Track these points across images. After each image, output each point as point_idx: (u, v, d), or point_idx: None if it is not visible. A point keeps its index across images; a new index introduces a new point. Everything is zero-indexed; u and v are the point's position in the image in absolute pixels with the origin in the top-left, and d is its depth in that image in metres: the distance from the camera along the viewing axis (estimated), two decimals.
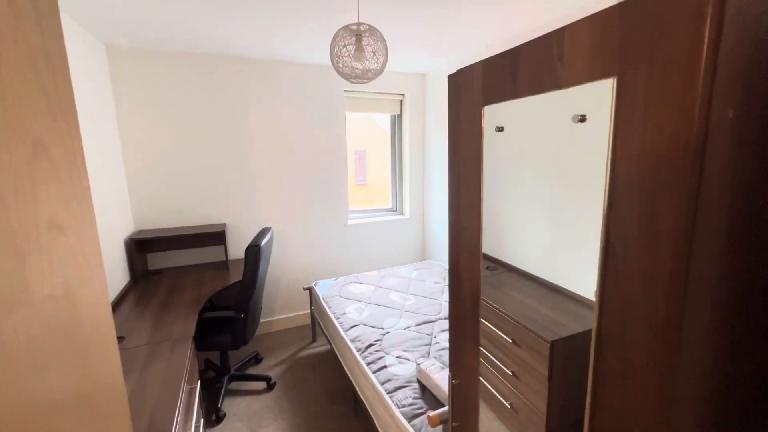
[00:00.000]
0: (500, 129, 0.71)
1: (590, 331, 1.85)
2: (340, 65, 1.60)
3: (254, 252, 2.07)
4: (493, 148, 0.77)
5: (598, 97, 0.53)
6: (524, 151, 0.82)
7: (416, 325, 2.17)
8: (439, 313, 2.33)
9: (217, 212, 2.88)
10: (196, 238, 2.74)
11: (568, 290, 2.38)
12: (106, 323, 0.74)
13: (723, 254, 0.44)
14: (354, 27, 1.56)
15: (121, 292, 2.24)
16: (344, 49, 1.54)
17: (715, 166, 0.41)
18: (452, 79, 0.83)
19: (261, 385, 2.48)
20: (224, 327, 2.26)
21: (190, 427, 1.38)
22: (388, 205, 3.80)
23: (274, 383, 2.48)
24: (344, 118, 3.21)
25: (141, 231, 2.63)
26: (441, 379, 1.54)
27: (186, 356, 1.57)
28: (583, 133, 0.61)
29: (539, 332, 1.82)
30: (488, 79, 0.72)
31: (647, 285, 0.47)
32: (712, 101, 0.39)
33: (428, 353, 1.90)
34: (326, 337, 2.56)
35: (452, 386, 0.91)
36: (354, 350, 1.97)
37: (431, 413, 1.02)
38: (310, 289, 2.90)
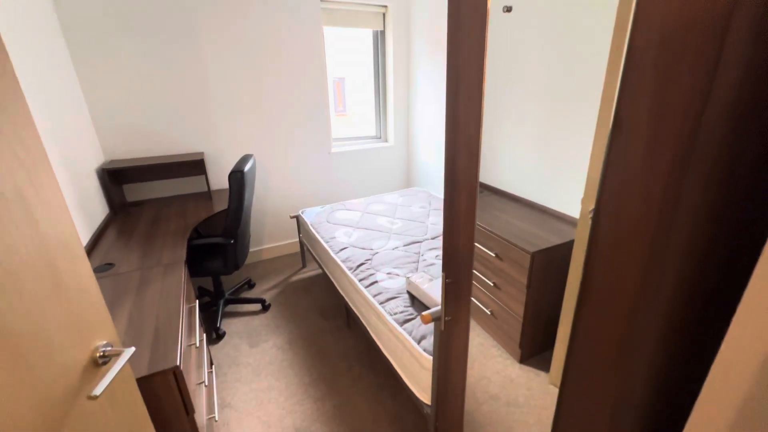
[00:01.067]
0: (508, 9, 0.65)
1: (568, 242, 1.94)
2: None
3: (238, 178, 2.01)
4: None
5: None
6: (528, 35, 0.76)
7: (404, 246, 2.25)
8: (426, 234, 2.40)
9: (194, 141, 2.73)
10: (173, 167, 2.62)
11: (550, 208, 2.45)
12: (67, 224, 0.72)
13: (730, 136, 0.44)
14: None
15: (102, 223, 2.18)
16: None
17: (734, 46, 0.39)
18: None
19: (256, 307, 2.60)
20: (215, 253, 2.28)
21: (195, 341, 1.45)
22: (372, 132, 3.69)
23: (269, 305, 2.60)
24: (322, 35, 2.94)
25: (112, 161, 2.48)
26: (430, 289, 1.64)
27: (180, 278, 1.59)
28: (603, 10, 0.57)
29: (521, 245, 1.92)
30: None
31: (649, 158, 0.48)
32: None
33: (416, 269, 1.99)
34: (316, 260, 2.64)
35: (446, 285, 0.97)
36: (346, 269, 2.04)
37: (424, 313, 1.09)
38: (297, 217, 2.91)
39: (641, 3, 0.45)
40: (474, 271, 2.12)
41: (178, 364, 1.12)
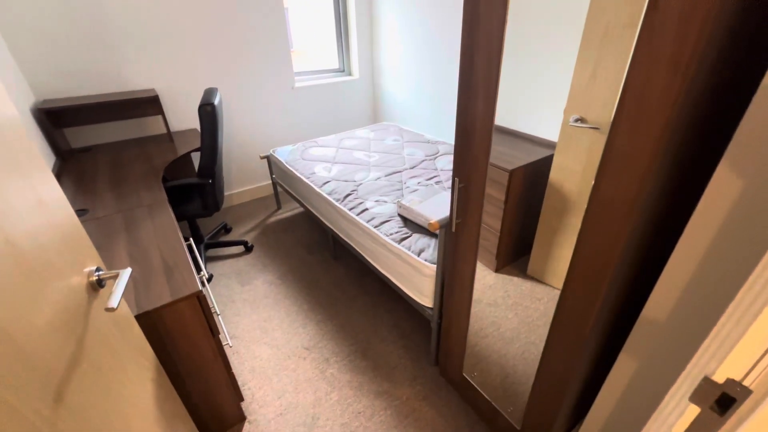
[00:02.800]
0: None
1: (541, 159, 2.09)
2: None
3: (209, 111, 1.88)
4: None
5: None
6: None
7: (386, 176, 2.31)
8: (404, 164, 2.47)
9: (145, 77, 2.43)
10: (123, 106, 2.35)
11: (520, 131, 2.60)
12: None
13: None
14: None
15: (54, 170, 1.96)
16: None
17: None
18: None
19: (239, 249, 2.58)
20: (191, 196, 2.18)
21: (204, 273, 1.45)
22: (335, 66, 3.51)
23: (252, 246, 2.60)
24: None
25: (46, 101, 2.16)
26: (422, 208, 1.75)
27: (170, 216, 1.53)
28: None
29: (499, 165, 2.06)
30: None
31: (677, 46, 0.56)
32: None
33: (402, 195, 2.08)
34: (295, 198, 2.63)
35: (458, 189, 1.06)
36: (333, 201, 2.08)
37: (432, 220, 1.19)
38: (269, 158, 2.81)
39: None
40: None
41: (200, 289, 1.15)
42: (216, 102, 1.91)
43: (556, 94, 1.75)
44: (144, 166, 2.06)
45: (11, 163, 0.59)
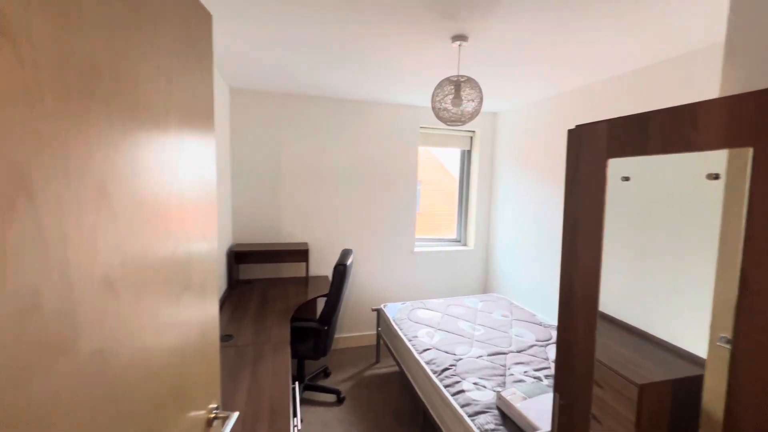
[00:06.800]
0: (626, 178, 0.84)
1: (688, 378, 1.79)
2: (440, 109, 1.82)
3: (341, 271, 2.29)
4: (612, 197, 0.89)
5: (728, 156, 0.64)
6: (649, 201, 0.92)
7: (488, 355, 2.21)
8: (510, 345, 2.35)
9: (301, 232, 3.19)
10: (282, 253, 3.04)
11: (653, 335, 2.30)
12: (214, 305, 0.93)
13: None
14: (454, 78, 1.78)
15: (222, 296, 2.55)
16: (446, 97, 1.75)
17: None
18: (573, 133, 0.98)
19: (331, 397, 2.62)
20: (307, 336, 2.47)
21: (297, 424, 1.55)
22: (453, 236, 3.91)
23: (344, 397, 2.62)
24: (416, 152, 3.45)
25: (238, 244, 2.99)
26: (524, 408, 1.58)
27: (287, 358, 1.77)
28: (712, 189, 0.72)
29: (626, 375, 1.80)
30: (614, 136, 0.86)
31: None
32: None
33: (504, 383, 1.93)
34: (394, 357, 2.67)
35: (558, 406, 0.99)
36: (429, 372, 2.06)
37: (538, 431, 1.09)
38: (379, 311, 3.05)
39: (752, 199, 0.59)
40: None
41: None
42: (348, 263, 2.33)
43: (696, 299, 1.57)
44: (282, 305, 2.49)
45: (200, 288, 0.86)
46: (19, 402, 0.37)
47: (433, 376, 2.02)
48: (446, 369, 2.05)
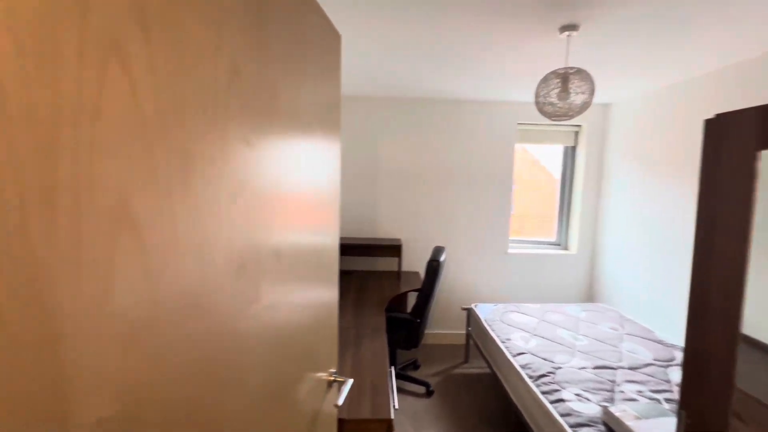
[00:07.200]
0: None
1: None
2: (544, 103, 1.75)
3: (434, 267, 2.35)
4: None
5: None
6: None
7: (593, 368, 2.04)
8: (620, 360, 2.13)
9: (395, 229, 3.35)
10: (377, 248, 3.24)
11: None
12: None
13: None
14: (562, 71, 1.70)
15: None
16: (552, 91, 1.68)
17: None
18: (711, 123, 0.88)
19: (420, 389, 2.71)
20: (400, 327, 2.60)
21: (395, 400, 1.67)
22: (551, 238, 3.66)
23: (433, 391, 2.68)
24: (513, 150, 3.32)
25: (343, 238, 3.28)
26: (637, 428, 1.44)
27: (384, 344, 1.90)
28: None
29: None
30: (767, 125, 0.75)
31: None
32: None
33: (612, 399, 1.77)
34: (485, 358, 2.63)
35: (685, 426, 0.90)
36: (525, 377, 1.99)
37: None
38: (469, 310, 3.03)
39: None
40: None
41: (392, 417, 1.34)
42: (441, 260, 2.38)
43: None
44: (377, 295, 2.67)
45: (326, 274, 1.02)
46: (238, 326, 0.55)
47: (528, 381, 1.95)
48: (543, 375, 1.96)
